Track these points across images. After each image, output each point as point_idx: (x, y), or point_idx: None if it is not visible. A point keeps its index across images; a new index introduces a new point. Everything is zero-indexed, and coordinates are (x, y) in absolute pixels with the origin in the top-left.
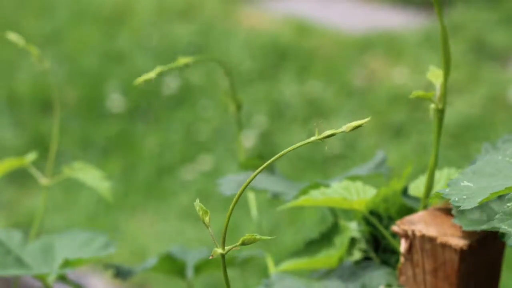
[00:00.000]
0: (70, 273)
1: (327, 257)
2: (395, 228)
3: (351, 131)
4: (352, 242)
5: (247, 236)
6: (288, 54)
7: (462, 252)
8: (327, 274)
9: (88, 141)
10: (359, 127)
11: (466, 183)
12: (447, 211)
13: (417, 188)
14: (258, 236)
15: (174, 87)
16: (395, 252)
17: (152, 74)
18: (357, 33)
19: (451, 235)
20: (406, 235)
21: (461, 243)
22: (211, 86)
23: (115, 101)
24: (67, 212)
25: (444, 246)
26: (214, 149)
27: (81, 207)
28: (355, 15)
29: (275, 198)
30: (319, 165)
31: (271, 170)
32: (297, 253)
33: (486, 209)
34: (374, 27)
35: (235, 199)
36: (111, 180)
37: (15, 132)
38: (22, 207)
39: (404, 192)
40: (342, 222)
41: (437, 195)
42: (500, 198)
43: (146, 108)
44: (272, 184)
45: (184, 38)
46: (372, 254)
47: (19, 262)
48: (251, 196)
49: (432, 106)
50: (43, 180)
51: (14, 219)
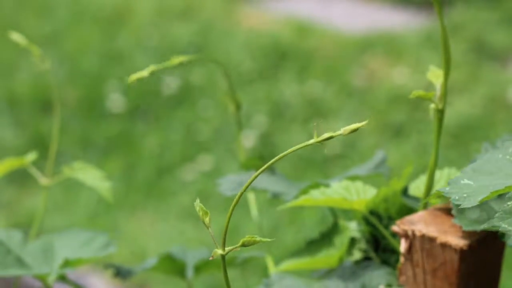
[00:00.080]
0: (70, 273)
1: (327, 257)
2: (395, 228)
3: (349, 134)
4: (352, 242)
5: (247, 238)
6: (288, 54)
7: (462, 252)
8: (327, 274)
9: (88, 141)
10: (356, 130)
11: (466, 181)
12: (447, 211)
13: (417, 188)
14: (258, 238)
15: (174, 87)
16: (395, 252)
17: (145, 73)
18: (357, 33)
19: (451, 235)
20: (406, 235)
21: (461, 243)
22: (211, 86)
23: (115, 101)
24: (67, 212)
25: (444, 246)
26: (214, 149)
27: (81, 207)
28: (355, 15)
29: (275, 198)
30: (319, 165)
31: (271, 170)
32: (297, 253)
33: (486, 208)
34: (374, 27)
35: (235, 201)
36: (111, 180)
37: (15, 132)
38: (22, 207)
39: (404, 192)
40: (342, 222)
41: (437, 194)
42: (500, 197)
43: (146, 108)
44: (272, 184)
45: (184, 38)
46: (372, 254)
47: (19, 262)
48: (251, 196)
49: (432, 106)
50: (43, 180)
51: (14, 219)
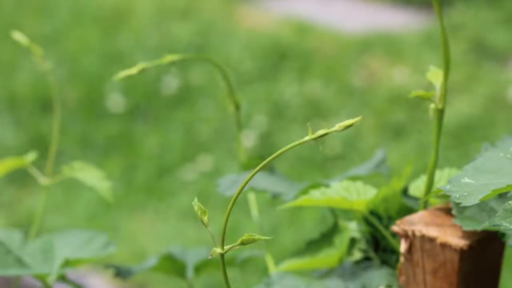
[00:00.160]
0: (70, 273)
1: (327, 257)
2: (395, 228)
3: (344, 130)
4: (352, 242)
5: (245, 236)
6: (288, 54)
7: (462, 252)
8: (327, 274)
9: (88, 141)
10: (351, 126)
11: (467, 180)
12: (447, 211)
13: (417, 188)
14: (257, 236)
15: (174, 87)
16: (395, 252)
17: (134, 70)
18: (357, 33)
19: (451, 235)
20: (406, 235)
21: (461, 243)
22: (211, 86)
23: (115, 101)
24: (67, 212)
25: (444, 246)
26: (214, 149)
27: (81, 207)
28: (355, 15)
29: (276, 198)
30: (319, 165)
31: (271, 170)
32: (297, 253)
33: (486, 208)
34: (374, 27)
35: (232, 200)
36: (111, 180)
37: (15, 132)
38: (22, 207)
39: (404, 192)
40: (342, 222)
41: (437, 192)
42: (500, 197)
43: (146, 108)
44: (272, 184)
45: (184, 38)
46: (372, 254)
47: (19, 262)
48: (251, 196)
49: (432, 106)
50: (43, 180)
51: (14, 219)
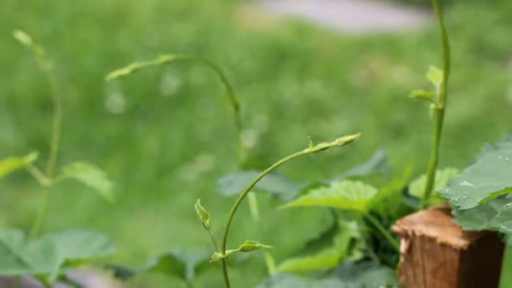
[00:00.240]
0: (70, 273)
1: (327, 257)
2: (395, 228)
3: (344, 145)
4: (352, 242)
5: (246, 243)
6: (288, 54)
7: (462, 252)
8: (327, 274)
9: (88, 141)
10: (351, 142)
11: (465, 183)
12: (447, 211)
13: (417, 187)
14: (258, 244)
15: (174, 87)
16: (395, 252)
17: (126, 71)
18: (357, 33)
19: (451, 235)
20: (406, 235)
21: (461, 243)
22: (211, 86)
23: (115, 101)
24: (68, 212)
25: (444, 246)
26: (214, 149)
27: (81, 207)
28: (355, 15)
29: (276, 198)
30: (319, 165)
31: (272, 171)
32: (297, 253)
33: (486, 208)
34: (374, 27)
35: (235, 205)
36: (111, 180)
37: (15, 132)
38: (22, 207)
39: (404, 192)
40: (342, 222)
41: (436, 195)
42: (500, 198)
43: (146, 108)
44: (272, 184)
45: (184, 38)
46: (372, 254)
47: (19, 262)
48: (251, 196)
49: (432, 106)
50: (44, 180)
51: (14, 219)
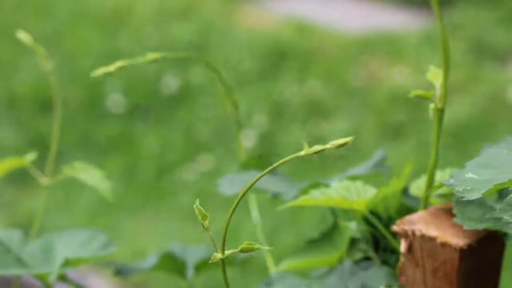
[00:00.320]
0: (70, 272)
1: (327, 257)
2: (395, 228)
3: (338, 147)
4: (352, 242)
5: (245, 244)
6: (288, 54)
7: (462, 251)
8: (327, 273)
9: (88, 141)
10: (345, 144)
11: (470, 175)
12: (447, 211)
13: (418, 187)
14: (257, 245)
15: (174, 87)
16: (395, 252)
17: (112, 68)
18: (357, 33)
19: (451, 234)
20: (406, 235)
21: (461, 242)
22: (211, 86)
23: (115, 101)
24: (68, 212)
25: (444, 245)
26: (214, 149)
27: (81, 207)
28: (355, 15)
29: (275, 198)
30: (319, 165)
31: (272, 170)
32: (297, 252)
33: (487, 207)
34: (374, 27)
35: (234, 205)
36: (111, 180)
37: (15, 132)
38: (22, 207)
39: (404, 192)
40: (342, 222)
41: (440, 185)
42: (501, 196)
43: (146, 108)
44: (272, 184)
45: (184, 38)
46: (372, 254)
47: (19, 262)
48: (251, 196)
49: (432, 106)
50: (44, 180)
51: (14, 219)
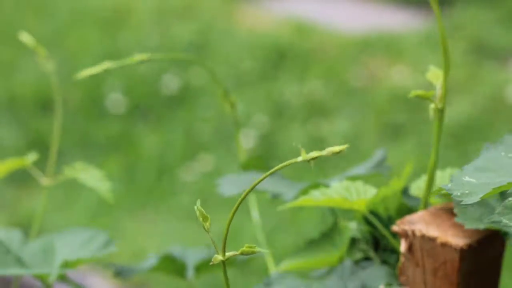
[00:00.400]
0: (70, 272)
1: (327, 256)
2: (395, 228)
3: (333, 155)
4: (352, 242)
5: (246, 247)
6: (288, 54)
7: (462, 251)
8: (327, 273)
9: (88, 141)
10: (340, 152)
11: (468, 178)
12: (447, 211)
13: (418, 188)
14: (257, 248)
15: (174, 87)
16: (395, 252)
17: (97, 69)
18: (357, 33)
19: (451, 234)
20: (406, 235)
21: (461, 242)
22: (211, 86)
23: (115, 101)
24: (68, 212)
25: (444, 245)
26: (214, 149)
27: (81, 207)
28: (355, 15)
29: (275, 198)
30: (319, 165)
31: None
32: (297, 252)
33: (488, 207)
34: (374, 27)
35: (234, 209)
36: (111, 180)
37: (15, 132)
38: (22, 207)
39: (404, 192)
40: (342, 222)
41: (438, 190)
42: (502, 196)
43: (146, 108)
44: (272, 184)
45: (184, 38)
46: (372, 254)
47: (19, 262)
48: (251, 197)
49: (431, 106)
50: (44, 180)
51: (14, 219)
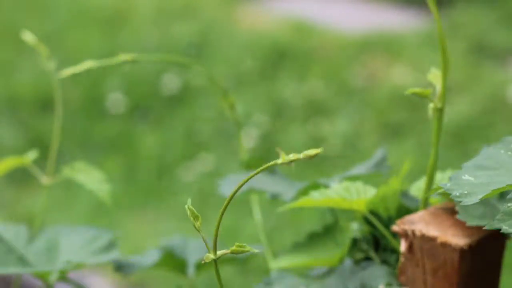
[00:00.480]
0: (71, 272)
1: (328, 256)
2: (395, 227)
3: (309, 158)
4: (353, 242)
5: (236, 246)
6: (288, 54)
7: (462, 251)
8: (327, 273)
9: (88, 141)
10: (315, 156)
11: (467, 177)
12: (447, 211)
13: (418, 189)
14: (248, 247)
15: (174, 87)
16: (395, 251)
17: (81, 69)
18: (357, 33)
19: (451, 234)
20: (406, 235)
21: (461, 242)
22: (211, 86)
23: (115, 101)
24: (68, 212)
25: (444, 245)
26: (214, 149)
27: (81, 207)
28: (355, 15)
29: (274, 198)
30: (318, 165)
31: (272, 170)
32: (298, 247)
33: (489, 205)
34: (374, 27)
35: (226, 202)
36: (111, 180)
37: (15, 132)
38: (22, 207)
39: (404, 192)
40: (343, 223)
41: (437, 189)
42: (502, 195)
43: (146, 108)
44: (271, 184)
45: (184, 38)
46: (372, 254)
47: (21, 260)
48: (253, 197)
49: (431, 105)
50: (44, 180)
51: (14, 219)
